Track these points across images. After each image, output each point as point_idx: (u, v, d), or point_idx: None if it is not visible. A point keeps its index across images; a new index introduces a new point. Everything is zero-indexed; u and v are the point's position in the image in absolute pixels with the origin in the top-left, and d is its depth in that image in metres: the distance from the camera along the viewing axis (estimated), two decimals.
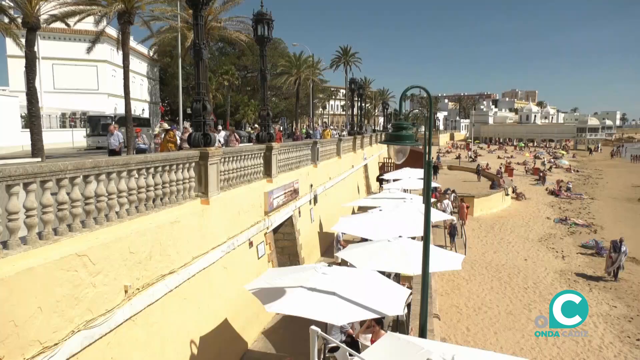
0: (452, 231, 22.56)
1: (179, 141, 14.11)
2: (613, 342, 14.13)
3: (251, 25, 15.05)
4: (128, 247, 7.20)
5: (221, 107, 49.02)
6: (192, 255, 9.22)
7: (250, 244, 12.42)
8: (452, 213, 27.27)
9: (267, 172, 14.25)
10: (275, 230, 15.06)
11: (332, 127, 61.42)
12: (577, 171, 62.86)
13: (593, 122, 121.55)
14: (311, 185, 18.77)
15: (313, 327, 6.37)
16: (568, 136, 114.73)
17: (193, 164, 9.86)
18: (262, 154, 14.03)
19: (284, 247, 16.04)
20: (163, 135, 14.54)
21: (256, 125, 21.65)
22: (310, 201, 18.67)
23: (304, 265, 13.08)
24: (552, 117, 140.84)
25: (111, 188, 7.18)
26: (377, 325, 9.70)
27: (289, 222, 16.01)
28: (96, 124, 31.21)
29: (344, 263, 12.71)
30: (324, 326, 9.47)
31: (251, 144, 17.41)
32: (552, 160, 71.03)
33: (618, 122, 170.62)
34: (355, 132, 33.73)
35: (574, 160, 79.27)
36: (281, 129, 30.96)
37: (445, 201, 27.16)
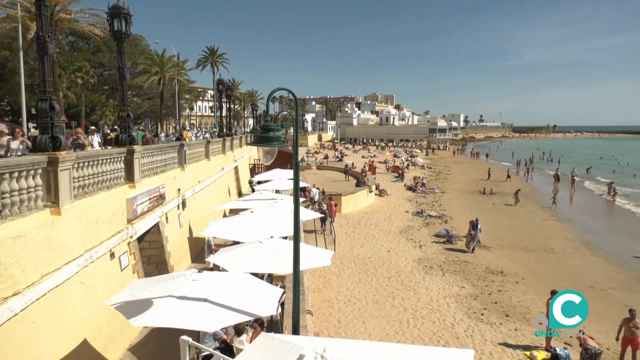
0: (322, 219, 24.58)
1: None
2: (463, 318, 15.89)
3: (107, 20, 13.93)
4: None
5: (75, 108, 44.61)
6: (41, 272, 8.25)
7: (112, 255, 11.52)
8: (321, 202, 29.21)
9: (129, 177, 13.33)
10: (140, 239, 14.16)
11: (198, 129, 59.60)
12: (430, 168, 69.39)
13: (442, 123, 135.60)
14: (179, 190, 18.03)
15: (183, 337, 6.12)
16: (422, 136, 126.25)
17: (40, 171, 8.83)
18: (123, 158, 13.09)
19: (151, 255, 15.17)
20: None
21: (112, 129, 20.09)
22: (178, 206, 17.92)
23: (172, 274, 12.50)
24: (408, 119, 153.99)
25: None
26: (258, 326, 9.69)
27: (155, 229, 15.18)
28: None
29: (216, 268, 12.44)
30: (197, 335, 9.16)
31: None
32: (409, 158, 77.53)
33: (462, 124, 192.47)
34: (224, 133, 33.20)
35: (427, 158, 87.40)
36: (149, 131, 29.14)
37: (314, 190, 30.24)
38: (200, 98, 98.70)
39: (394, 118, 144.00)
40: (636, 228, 32.42)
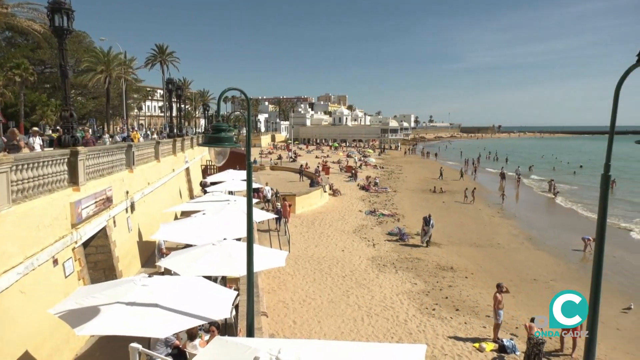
0: (278, 212, 25.43)
1: None
2: (415, 314, 16.25)
3: (47, 15, 13.24)
4: None
5: (13, 107, 42.17)
6: None
7: (55, 261, 10.96)
8: (274, 202, 29.53)
9: (73, 180, 12.74)
10: (86, 244, 13.57)
11: (148, 129, 57.86)
12: (383, 168, 70.58)
13: (393, 124, 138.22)
14: (127, 192, 17.42)
15: (133, 344, 5.92)
16: (374, 136, 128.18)
17: None
18: (66, 160, 12.49)
19: (98, 261, 14.56)
20: None
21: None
22: (126, 209, 17.30)
23: (121, 279, 12.06)
24: (361, 120, 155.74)
25: None
26: (216, 329, 9.50)
27: (102, 234, 14.59)
28: None
29: (167, 272, 12.12)
30: (147, 341, 8.89)
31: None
32: (362, 158, 78.55)
33: (413, 124, 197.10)
34: (175, 134, 32.40)
35: (379, 158, 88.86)
36: (90, 131, 27.92)
37: (266, 188, 31.32)
38: (150, 97, 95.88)
39: (346, 118, 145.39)
40: (574, 223, 34.28)
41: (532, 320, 12.47)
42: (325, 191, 38.78)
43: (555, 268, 22.68)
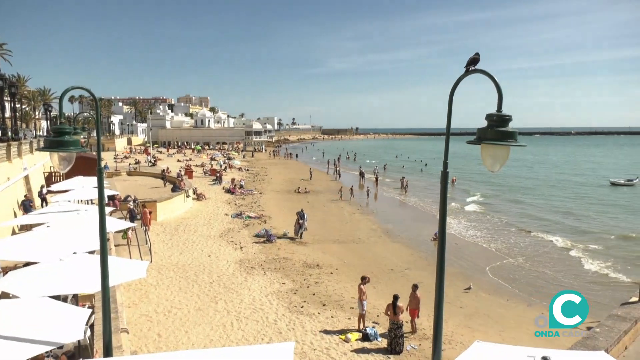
0: (132, 213, 25.92)
1: None
2: (285, 313, 16.49)
3: None
4: None
5: None
6: None
7: None
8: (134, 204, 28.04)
9: None
10: None
11: None
12: (248, 170, 70.42)
13: (257, 126, 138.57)
14: None
15: None
16: (238, 139, 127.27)
17: None
18: None
19: None
20: None
21: None
22: None
23: None
24: (224, 122, 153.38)
25: None
26: (64, 356, 8.52)
27: None
28: None
29: (5, 295, 10.58)
30: None
31: None
32: (227, 161, 77.44)
33: (276, 127, 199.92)
34: (9, 137, 28.43)
35: (244, 160, 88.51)
36: None
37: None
38: None
39: (209, 121, 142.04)
40: (422, 215, 38.00)
41: (395, 303, 13.82)
42: (188, 196, 37.39)
43: (409, 258, 24.85)
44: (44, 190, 27.25)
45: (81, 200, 22.39)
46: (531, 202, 45.85)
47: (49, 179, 35.19)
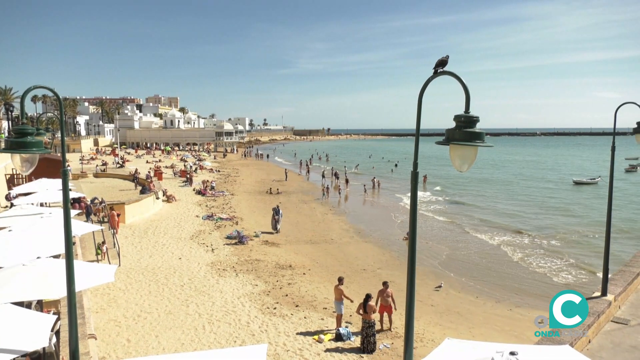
0: (87, 210, 26.38)
1: None
2: (257, 315, 16.38)
3: None
4: None
5: None
6: None
7: None
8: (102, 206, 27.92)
9: None
10: None
11: None
12: (219, 171, 69.68)
13: (228, 127, 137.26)
14: None
15: None
16: (209, 140, 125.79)
17: None
18: None
19: None
20: None
21: None
22: None
23: None
24: (194, 122, 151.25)
25: None
26: None
27: None
28: None
29: None
30: None
31: None
32: (197, 162, 76.42)
33: (247, 127, 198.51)
34: None
35: (215, 161, 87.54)
36: None
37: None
38: None
39: (179, 121, 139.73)
40: (393, 214, 38.38)
41: (366, 302, 14.00)
42: (158, 197, 36.73)
43: (380, 257, 25.07)
44: (13, 193, 26.09)
45: (45, 203, 21.73)
46: (493, 200, 47.05)
47: (11, 181, 34.01)
